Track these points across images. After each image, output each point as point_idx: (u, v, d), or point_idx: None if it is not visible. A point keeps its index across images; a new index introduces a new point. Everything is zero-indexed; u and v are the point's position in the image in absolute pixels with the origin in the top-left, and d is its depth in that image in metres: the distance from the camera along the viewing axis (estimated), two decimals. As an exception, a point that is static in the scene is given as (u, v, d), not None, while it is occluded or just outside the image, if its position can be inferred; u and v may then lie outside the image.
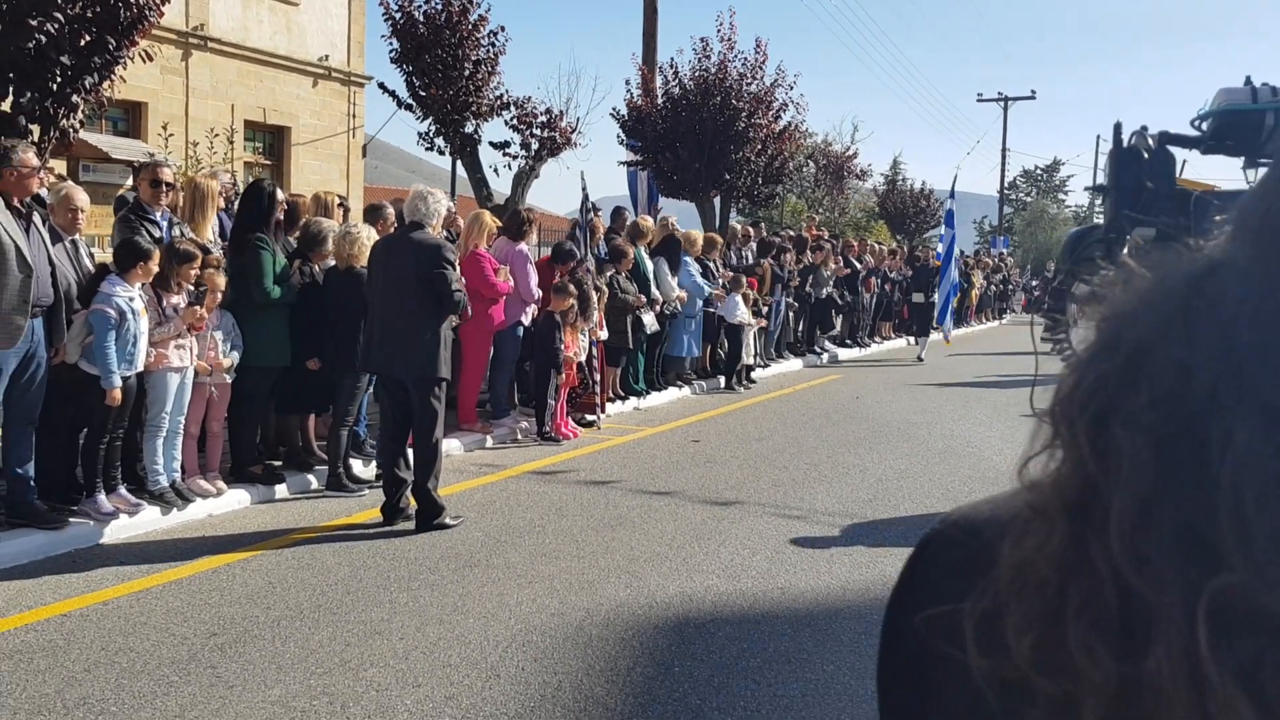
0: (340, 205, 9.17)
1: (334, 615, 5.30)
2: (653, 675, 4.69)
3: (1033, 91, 53.59)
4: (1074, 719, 0.55)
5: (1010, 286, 38.09)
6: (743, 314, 14.19)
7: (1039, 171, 73.20)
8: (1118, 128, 5.82)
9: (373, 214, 9.19)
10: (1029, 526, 0.60)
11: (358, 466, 8.22)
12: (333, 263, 7.97)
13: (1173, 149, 11.17)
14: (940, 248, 20.23)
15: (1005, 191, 52.27)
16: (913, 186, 39.12)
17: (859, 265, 20.60)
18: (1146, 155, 5.75)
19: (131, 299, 6.46)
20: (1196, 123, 7.64)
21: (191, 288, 6.91)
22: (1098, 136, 56.91)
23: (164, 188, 7.24)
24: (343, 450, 7.90)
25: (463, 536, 6.79)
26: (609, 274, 11.55)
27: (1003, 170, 53.13)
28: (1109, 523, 0.55)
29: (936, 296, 19.73)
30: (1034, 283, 31.08)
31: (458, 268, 7.12)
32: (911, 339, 23.78)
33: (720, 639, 5.13)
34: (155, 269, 6.61)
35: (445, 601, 5.54)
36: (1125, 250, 6.28)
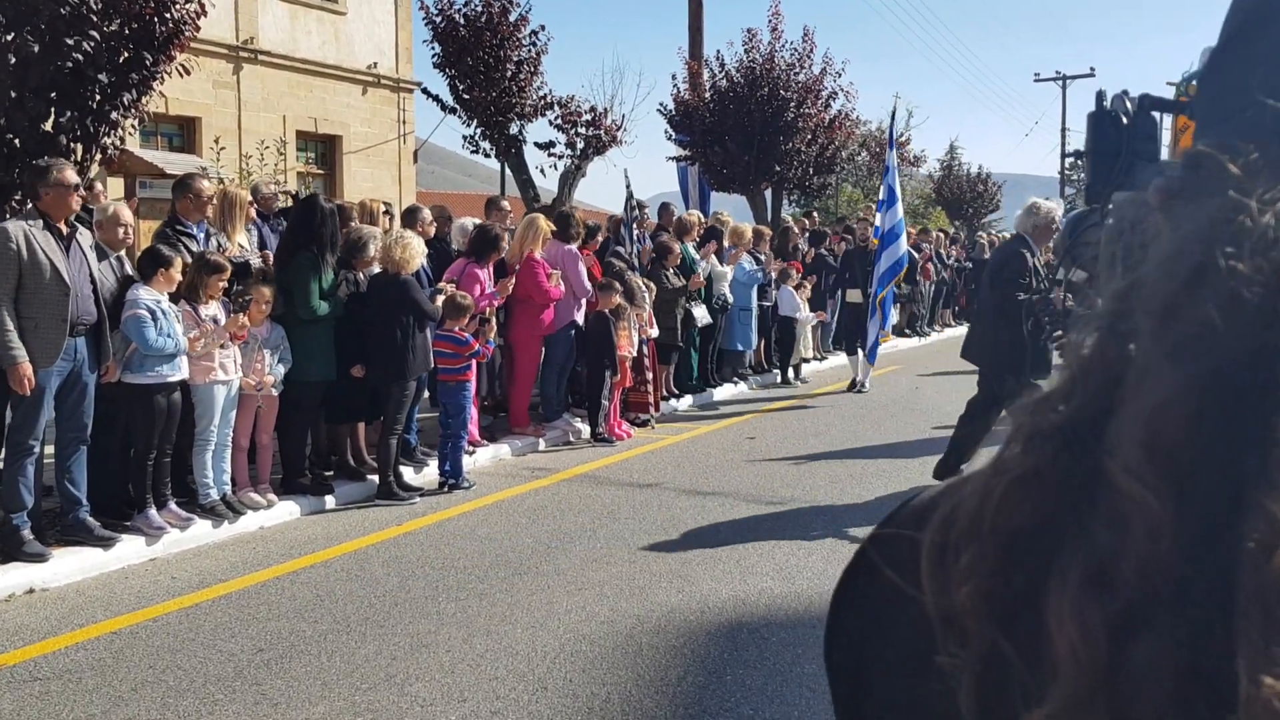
0: (386, 212, 9.15)
1: (381, 628, 5.23)
2: (704, 684, 4.54)
3: (1091, 69, 52.39)
4: (1007, 671, 0.51)
5: (1074, 269, 37.26)
6: (798, 307, 13.95)
7: (1101, 150, 71.51)
8: (1100, 94, 5.62)
9: (410, 217, 9.17)
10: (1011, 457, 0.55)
11: (408, 474, 8.18)
12: (377, 269, 7.93)
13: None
14: (878, 218, 13.07)
15: (1066, 173, 51.13)
16: (969, 171, 38.44)
17: (917, 254, 20.21)
18: (1126, 120, 5.53)
19: (158, 301, 6.43)
20: (1183, 89, 7.31)
21: (226, 299, 6.92)
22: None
23: (199, 199, 7.24)
24: (393, 458, 7.86)
25: (512, 543, 6.70)
26: (662, 271, 11.40)
27: (1063, 151, 51.93)
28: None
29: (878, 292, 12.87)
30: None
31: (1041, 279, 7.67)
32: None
33: (775, 644, 4.97)
34: (178, 276, 6.59)
35: (494, 611, 5.44)
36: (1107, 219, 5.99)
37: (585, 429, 10.25)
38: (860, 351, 13.48)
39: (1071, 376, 0.55)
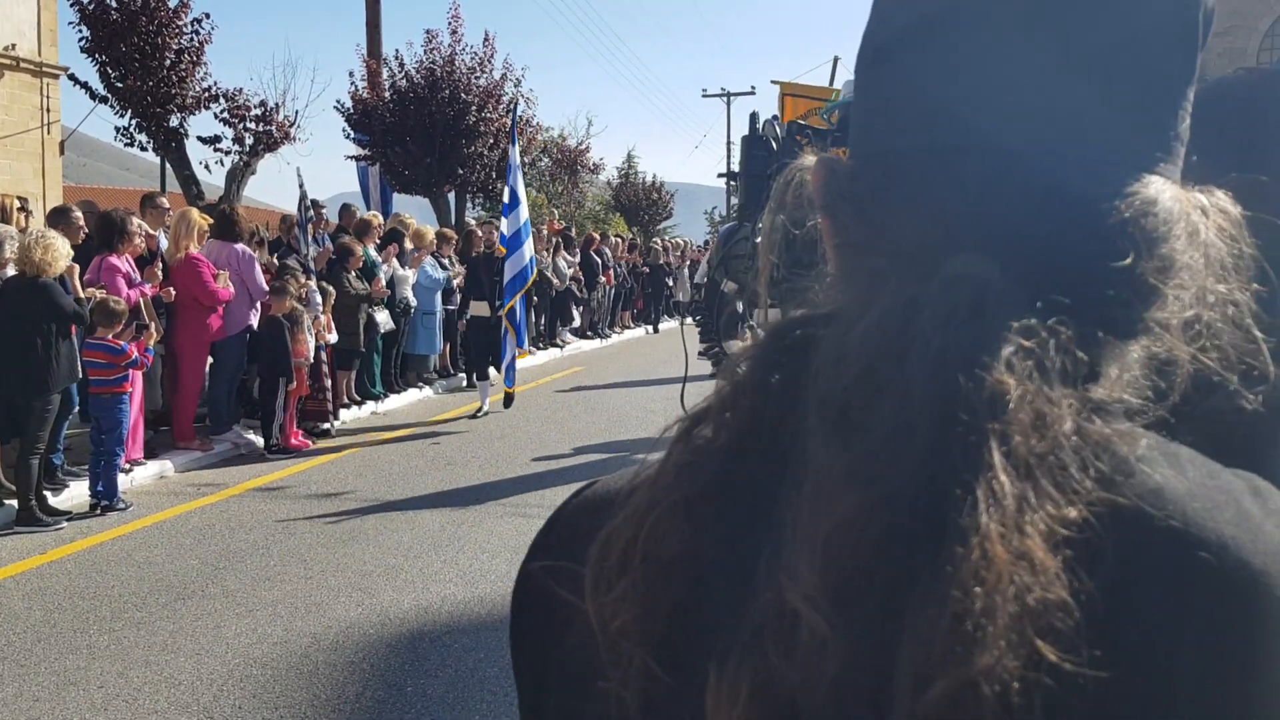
0: (21, 209, 8.28)
1: (21, 668, 4.73)
2: (384, 699, 4.45)
3: (752, 87, 55.99)
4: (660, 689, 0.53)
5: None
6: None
7: (765, 162, 76.27)
8: (753, 117, 6.11)
9: (59, 217, 8.36)
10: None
11: (52, 497, 7.45)
12: (11, 272, 7.17)
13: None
14: (503, 224, 11.43)
15: (731, 183, 54.30)
16: (645, 180, 39.91)
17: (599, 258, 20.76)
18: (776, 145, 6.05)
19: None
20: (826, 115, 8.02)
21: None
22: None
23: None
24: (35, 480, 7.13)
25: (175, 567, 6.26)
26: (343, 274, 11.03)
27: (728, 162, 54.93)
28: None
29: (504, 304, 11.28)
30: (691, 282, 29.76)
31: None
32: (650, 328, 24.20)
33: (456, 651, 4.94)
34: None
35: (153, 641, 5.06)
36: (758, 239, 6.52)
37: (258, 440, 9.75)
38: (485, 381, 12.05)
39: (722, 402, 0.56)
